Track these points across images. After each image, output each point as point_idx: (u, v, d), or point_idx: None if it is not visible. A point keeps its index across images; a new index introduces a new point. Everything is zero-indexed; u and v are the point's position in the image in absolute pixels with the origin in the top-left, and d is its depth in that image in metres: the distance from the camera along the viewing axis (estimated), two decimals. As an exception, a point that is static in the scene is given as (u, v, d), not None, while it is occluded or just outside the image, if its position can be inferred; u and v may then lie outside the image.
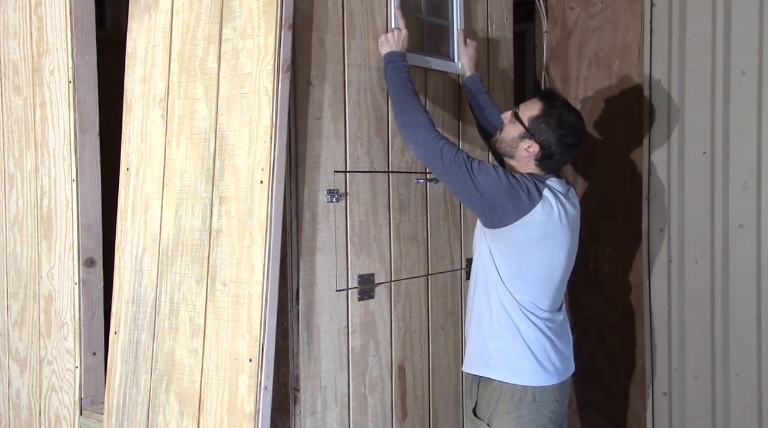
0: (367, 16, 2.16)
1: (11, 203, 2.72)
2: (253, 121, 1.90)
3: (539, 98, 2.08)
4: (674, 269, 2.80)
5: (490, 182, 1.93)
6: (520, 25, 3.18)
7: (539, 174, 2.08)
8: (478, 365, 2.10)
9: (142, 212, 2.21)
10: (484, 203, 1.96)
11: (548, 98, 2.07)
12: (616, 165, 2.94)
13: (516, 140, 2.07)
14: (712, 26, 2.67)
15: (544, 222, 1.97)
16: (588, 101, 3.02)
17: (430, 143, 1.98)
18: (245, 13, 1.94)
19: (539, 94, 2.13)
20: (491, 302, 2.07)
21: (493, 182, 1.93)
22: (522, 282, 2.03)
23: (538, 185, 1.99)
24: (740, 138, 2.61)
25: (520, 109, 2.09)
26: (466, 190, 1.95)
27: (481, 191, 1.94)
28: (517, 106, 2.11)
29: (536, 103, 2.06)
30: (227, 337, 1.92)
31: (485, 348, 2.08)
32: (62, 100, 2.48)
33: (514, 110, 2.09)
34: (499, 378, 2.04)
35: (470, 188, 1.94)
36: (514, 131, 2.07)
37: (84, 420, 2.44)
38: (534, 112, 2.04)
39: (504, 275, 2.04)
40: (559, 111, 2.04)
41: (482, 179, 1.93)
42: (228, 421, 1.90)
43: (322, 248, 2.03)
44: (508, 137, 2.09)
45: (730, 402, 2.68)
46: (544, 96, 2.09)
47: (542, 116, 2.03)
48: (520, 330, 2.03)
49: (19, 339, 2.70)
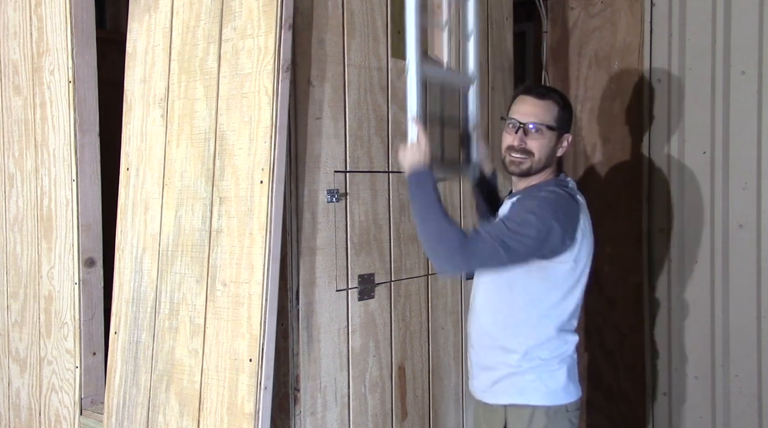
0: (367, 16, 2.16)
1: (11, 203, 2.72)
2: (253, 121, 1.90)
3: (542, 97, 1.92)
4: (674, 269, 2.80)
5: (535, 224, 1.77)
6: (520, 25, 3.17)
7: (554, 175, 1.96)
8: (511, 393, 1.93)
9: (142, 212, 2.21)
10: (545, 247, 1.80)
11: (549, 93, 1.94)
12: (616, 165, 2.94)
13: (554, 147, 1.92)
14: (712, 26, 2.67)
15: (585, 224, 1.89)
16: (588, 101, 3.02)
17: (478, 254, 1.78)
18: (245, 13, 1.94)
19: (534, 93, 1.93)
20: (526, 330, 1.90)
21: (536, 221, 1.77)
22: (572, 297, 1.91)
23: (567, 191, 1.89)
24: (740, 138, 2.61)
25: (536, 119, 1.89)
26: (529, 252, 1.80)
27: (540, 238, 1.78)
28: (522, 124, 1.90)
29: (545, 103, 1.90)
30: (227, 337, 1.92)
31: (517, 375, 1.91)
32: (62, 100, 2.48)
33: (536, 126, 1.88)
34: (536, 403, 1.90)
35: (532, 248, 1.78)
36: (547, 139, 1.90)
37: (84, 420, 2.44)
38: (553, 112, 1.90)
39: (553, 298, 1.88)
40: (562, 96, 1.96)
41: (531, 231, 1.77)
42: (228, 421, 1.90)
43: (322, 248, 2.03)
44: (545, 149, 1.90)
45: (730, 402, 2.68)
46: (543, 94, 1.93)
47: (561, 109, 1.92)
48: (560, 351, 1.91)
49: (19, 339, 2.70)
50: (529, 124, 1.88)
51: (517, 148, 1.90)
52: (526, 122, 1.89)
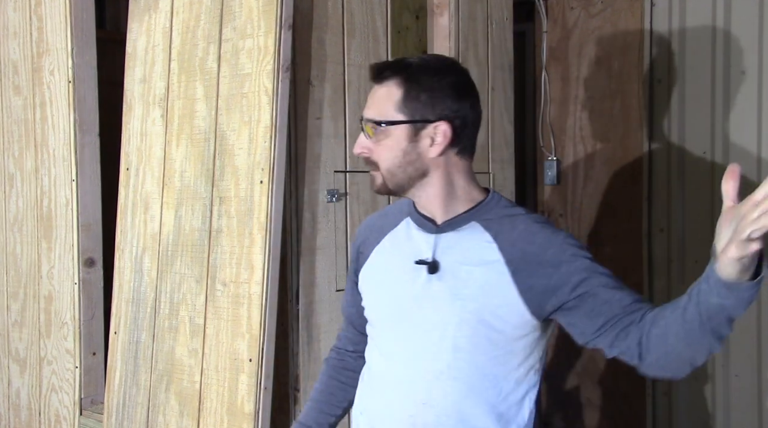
0: (367, 16, 2.16)
1: (11, 203, 2.72)
2: (253, 121, 1.90)
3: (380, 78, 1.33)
4: (674, 269, 2.80)
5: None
6: (520, 25, 3.17)
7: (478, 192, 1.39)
8: None
9: (142, 212, 2.21)
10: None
11: (388, 68, 1.33)
12: (616, 165, 2.94)
13: (412, 149, 1.32)
14: (712, 26, 2.67)
15: None
16: (588, 101, 3.02)
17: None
18: (245, 13, 1.93)
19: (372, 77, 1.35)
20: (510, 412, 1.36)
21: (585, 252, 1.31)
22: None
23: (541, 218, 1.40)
24: (740, 138, 2.61)
25: (370, 114, 1.33)
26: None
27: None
28: (361, 123, 1.36)
29: (384, 88, 1.32)
30: (227, 337, 1.92)
31: None
32: (62, 100, 2.48)
33: (370, 125, 1.33)
34: None
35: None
36: (394, 140, 1.32)
37: (84, 420, 2.44)
38: (394, 97, 1.31)
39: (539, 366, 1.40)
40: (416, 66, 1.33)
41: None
42: (228, 421, 1.90)
43: (322, 248, 2.03)
44: (394, 154, 1.32)
45: (730, 402, 2.68)
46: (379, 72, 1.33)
47: (409, 89, 1.31)
48: None
49: (19, 339, 2.70)
50: (365, 122, 1.34)
51: (364, 158, 1.36)
52: (361, 120, 1.36)
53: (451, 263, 1.34)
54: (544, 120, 3.15)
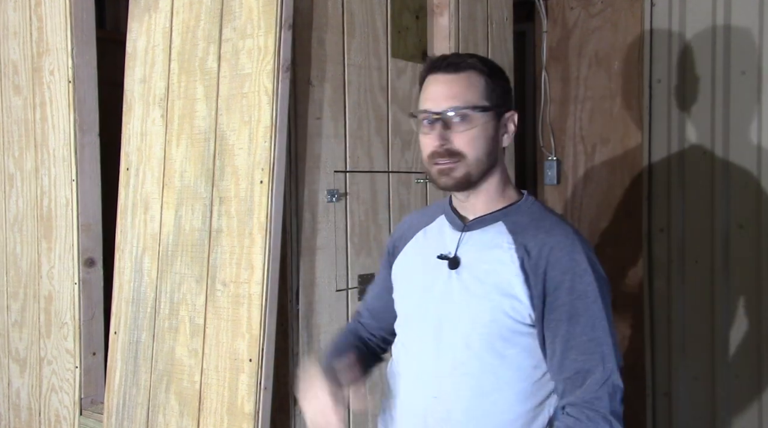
0: (367, 16, 2.16)
1: (11, 203, 2.71)
2: (253, 121, 1.90)
3: (457, 68, 1.33)
4: (674, 269, 2.80)
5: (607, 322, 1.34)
6: (520, 25, 3.17)
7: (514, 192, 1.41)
8: None
9: (142, 212, 2.21)
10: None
11: (465, 60, 1.34)
12: (616, 165, 2.94)
13: (494, 135, 1.33)
14: (712, 26, 2.67)
15: None
16: (588, 101, 3.02)
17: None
18: (245, 13, 1.93)
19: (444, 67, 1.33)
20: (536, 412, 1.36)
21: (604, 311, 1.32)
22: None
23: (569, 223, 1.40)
24: (740, 138, 2.61)
25: (456, 102, 1.30)
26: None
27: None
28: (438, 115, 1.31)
29: (464, 77, 1.32)
30: (227, 337, 1.92)
31: None
32: (62, 100, 2.48)
33: (458, 112, 1.30)
34: None
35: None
36: (480, 126, 1.31)
37: (84, 420, 2.44)
38: (479, 85, 1.32)
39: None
40: (485, 60, 1.37)
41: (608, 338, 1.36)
42: (228, 421, 1.90)
43: (322, 248, 2.03)
44: (482, 142, 1.31)
45: (730, 402, 2.68)
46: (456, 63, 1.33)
47: (489, 78, 1.34)
48: None
49: (19, 339, 2.70)
50: (448, 111, 1.30)
51: (441, 151, 1.31)
52: (442, 111, 1.31)
53: (471, 261, 1.35)
54: (544, 120, 3.15)
